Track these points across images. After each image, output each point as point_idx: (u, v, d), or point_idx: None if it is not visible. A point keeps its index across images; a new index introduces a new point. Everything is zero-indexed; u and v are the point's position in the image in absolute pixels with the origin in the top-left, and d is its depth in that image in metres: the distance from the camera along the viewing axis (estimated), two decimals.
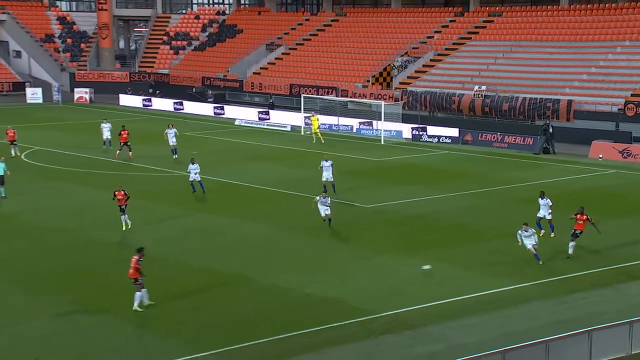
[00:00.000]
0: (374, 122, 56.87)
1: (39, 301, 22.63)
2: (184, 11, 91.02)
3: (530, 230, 25.95)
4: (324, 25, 77.53)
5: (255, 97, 71.72)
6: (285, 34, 78.46)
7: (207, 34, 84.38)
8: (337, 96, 64.22)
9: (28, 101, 73.33)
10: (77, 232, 29.91)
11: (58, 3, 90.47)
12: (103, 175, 40.95)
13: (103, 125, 48.64)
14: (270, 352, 19.43)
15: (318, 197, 30.44)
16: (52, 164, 43.28)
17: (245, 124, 61.92)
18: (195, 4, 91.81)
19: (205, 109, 68.58)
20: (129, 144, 45.01)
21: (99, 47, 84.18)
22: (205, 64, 78.51)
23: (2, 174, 33.91)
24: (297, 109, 61.13)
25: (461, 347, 19.39)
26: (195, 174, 35.72)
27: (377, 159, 47.96)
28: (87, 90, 75.42)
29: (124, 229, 29.80)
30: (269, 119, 62.38)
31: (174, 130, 45.28)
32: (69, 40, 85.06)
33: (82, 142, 49.26)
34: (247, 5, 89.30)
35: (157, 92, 75.72)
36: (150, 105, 72.08)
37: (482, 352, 17.70)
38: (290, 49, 76.00)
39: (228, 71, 75.89)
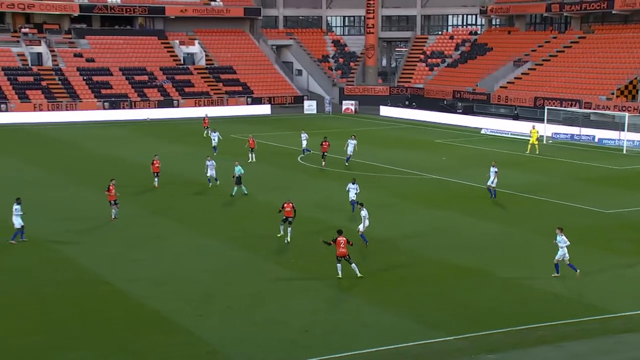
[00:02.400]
0: (618, 132, 52.82)
1: (303, 284, 23.46)
2: (440, 32, 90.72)
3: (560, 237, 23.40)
4: (571, 42, 73.21)
5: (500, 108, 69.66)
6: (532, 51, 75.26)
7: (459, 52, 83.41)
8: (580, 108, 60.34)
9: (305, 112, 77.23)
10: (327, 222, 30.71)
11: (334, 28, 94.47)
12: (362, 176, 41.89)
13: (302, 135, 47.92)
14: (508, 342, 18.65)
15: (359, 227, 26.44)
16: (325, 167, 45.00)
17: (491, 133, 60.30)
18: (450, 25, 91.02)
19: (454, 119, 67.92)
20: (326, 154, 43.63)
21: (365, 65, 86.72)
22: (457, 78, 77.59)
23: (238, 174, 35.04)
24: (540, 120, 58.34)
25: None
26: (355, 194, 31.57)
27: (619, 167, 44.36)
28: (353, 102, 77.82)
29: (279, 234, 27.73)
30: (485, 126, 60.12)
31: (354, 141, 43.29)
32: (340, 60, 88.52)
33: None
34: (498, 26, 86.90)
35: (413, 103, 76.28)
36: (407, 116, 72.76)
37: None
38: (536, 64, 72.74)
39: (477, 85, 74.37)
